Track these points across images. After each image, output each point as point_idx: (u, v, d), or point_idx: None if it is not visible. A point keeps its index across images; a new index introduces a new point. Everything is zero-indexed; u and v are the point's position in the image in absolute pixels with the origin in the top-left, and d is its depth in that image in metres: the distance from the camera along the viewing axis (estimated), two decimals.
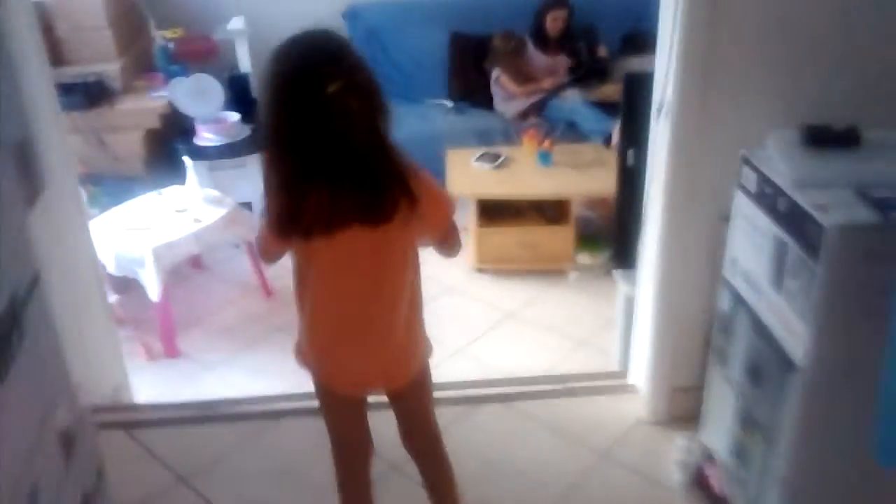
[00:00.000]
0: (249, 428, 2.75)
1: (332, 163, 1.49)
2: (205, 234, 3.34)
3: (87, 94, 4.04)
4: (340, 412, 1.86)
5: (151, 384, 3.10)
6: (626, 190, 2.67)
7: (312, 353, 1.79)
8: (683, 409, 2.46)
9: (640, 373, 2.60)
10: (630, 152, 2.61)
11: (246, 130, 4.20)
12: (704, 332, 2.28)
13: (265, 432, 2.73)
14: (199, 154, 4.02)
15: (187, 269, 3.80)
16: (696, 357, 2.37)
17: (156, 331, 3.33)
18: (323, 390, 1.83)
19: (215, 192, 3.59)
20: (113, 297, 3.34)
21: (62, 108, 3.96)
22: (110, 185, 3.86)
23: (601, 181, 3.68)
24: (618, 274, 2.79)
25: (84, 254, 2.64)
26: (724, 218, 2.02)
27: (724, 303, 2.08)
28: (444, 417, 2.05)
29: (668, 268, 2.25)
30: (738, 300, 1.97)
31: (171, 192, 3.61)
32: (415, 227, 1.60)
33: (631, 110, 2.72)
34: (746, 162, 1.90)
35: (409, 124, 4.53)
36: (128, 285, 3.39)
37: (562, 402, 2.80)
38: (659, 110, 2.23)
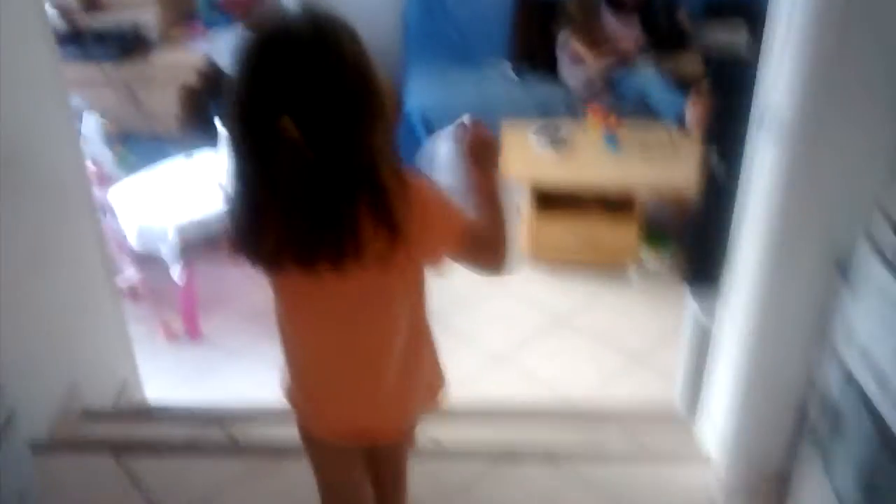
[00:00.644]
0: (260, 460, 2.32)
1: (286, 197, 1.19)
2: None
3: (121, 44, 3.76)
4: (324, 455, 1.55)
5: (167, 371, 2.87)
6: (711, 198, 2.30)
7: (290, 389, 1.51)
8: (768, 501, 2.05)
9: (714, 439, 2.19)
10: (715, 153, 2.23)
11: None
12: (799, 404, 1.90)
13: (278, 465, 2.29)
14: None
15: (214, 245, 3.53)
16: (785, 435, 1.96)
17: (178, 310, 3.09)
18: (301, 431, 1.54)
19: None
20: (133, 273, 3.10)
21: (92, 58, 3.73)
22: (140, 144, 3.60)
23: (673, 171, 3.31)
24: (689, 291, 2.44)
25: (89, 233, 2.38)
26: (841, 267, 1.65)
27: (832, 381, 1.69)
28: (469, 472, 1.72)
29: (764, 316, 1.85)
30: (853, 386, 1.58)
31: (203, 157, 3.33)
32: (407, 254, 1.26)
33: (719, 99, 2.33)
34: (881, 208, 1.51)
35: (462, 90, 4.18)
36: (151, 259, 3.14)
37: (617, 466, 2.28)
38: (762, 118, 1.85)
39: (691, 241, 2.44)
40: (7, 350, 1.94)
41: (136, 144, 3.57)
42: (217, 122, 3.49)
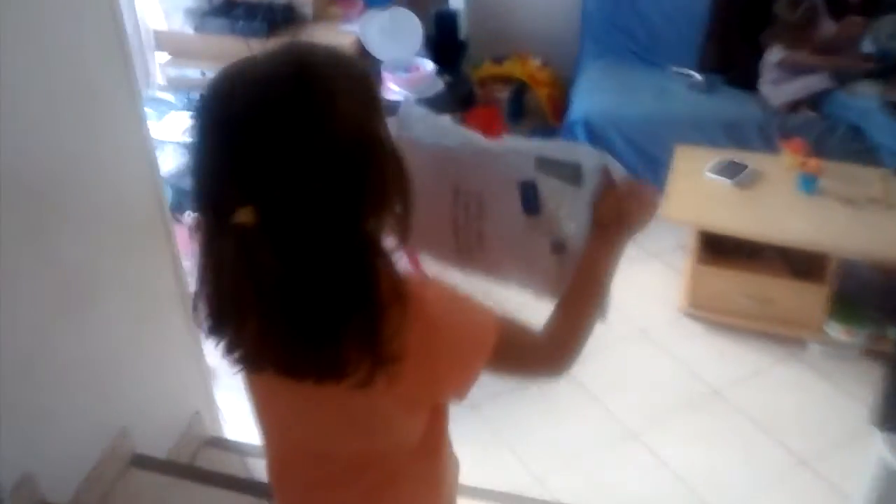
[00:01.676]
0: None
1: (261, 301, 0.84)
2: None
3: (272, 19, 3.52)
4: None
5: None
6: None
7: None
8: None
9: None
10: None
11: (439, 84, 3.52)
12: None
13: None
14: None
15: None
16: None
17: None
18: None
19: None
20: None
21: (240, 32, 3.54)
22: None
23: (884, 230, 2.65)
24: (880, 434, 1.83)
25: (163, 255, 2.10)
26: None
27: None
28: None
29: None
30: None
31: None
32: (401, 389, 0.89)
33: None
34: None
35: (638, 98, 3.64)
36: None
37: None
38: None
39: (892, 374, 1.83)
40: (55, 390, 1.70)
41: None
42: None
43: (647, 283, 3.09)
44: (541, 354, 1.02)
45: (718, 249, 2.85)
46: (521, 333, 0.99)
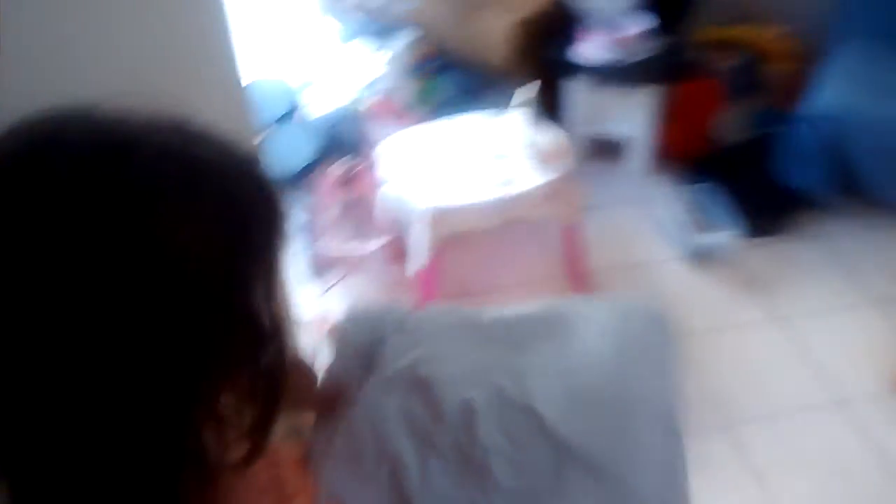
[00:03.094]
0: None
1: None
2: (509, 206, 2.36)
3: None
4: None
5: None
6: None
7: None
8: None
9: None
10: None
11: (650, 47, 3.00)
12: None
13: None
14: (572, 69, 3.00)
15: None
16: None
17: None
18: None
19: (553, 138, 2.55)
20: (377, 244, 2.60)
21: None
22: (450, 77, 3.01)
23: None
24: None
25: None
26: None
27: None
28: None
29: None
30: None
31: (502, 120, 2.65)
32: None
33: None
34: None
35: None
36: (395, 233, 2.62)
37: None
38: None
39: None
40: None
41: (445, 78, 3.00)
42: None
43: (860, 338, 2.49)
44: None
45: None
46: None
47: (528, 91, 2.49)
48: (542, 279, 2.75)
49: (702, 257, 2.80)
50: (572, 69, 3.02)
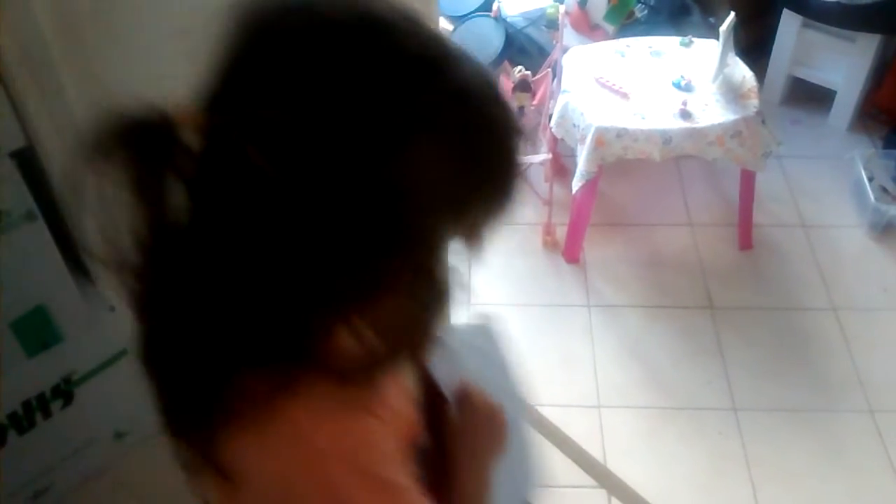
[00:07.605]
0: None
1: None
2: (683, 138, 2.27)
3: None
4: None
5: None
6: None
7: None
8: None
9: None
10: None
11: None
12: None
13: None
14: (788, 1, 2.79)
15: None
16: None
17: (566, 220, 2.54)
18: None
19: (743, 76, 2.39)
20: (541, 157, 2.57)
21: None
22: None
23: None
24: None
25: None
26: None
27: None
28: None
29: None
30: None
31: (695, 48, 2.51)
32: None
33: None
34: None
35: None
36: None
37: None
38: None
39: None
40: None
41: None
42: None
43: None
44: None
45: None
46: None
47: (729, 20, 2.33)
48: (705, 225, 2.64)
49: (886, 229, 2.58)
50: (789, 1, 2.79)
